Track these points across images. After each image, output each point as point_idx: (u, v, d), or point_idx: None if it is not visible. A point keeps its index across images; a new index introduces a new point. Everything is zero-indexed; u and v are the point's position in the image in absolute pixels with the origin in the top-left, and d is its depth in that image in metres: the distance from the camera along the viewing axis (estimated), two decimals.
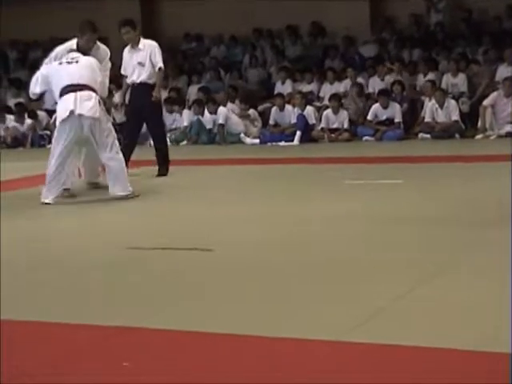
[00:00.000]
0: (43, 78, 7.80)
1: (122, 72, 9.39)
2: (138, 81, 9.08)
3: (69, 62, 7.64)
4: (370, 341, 3.28)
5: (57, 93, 7.60)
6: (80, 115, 7.38)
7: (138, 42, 9.16)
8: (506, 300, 3.61)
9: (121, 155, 7.64)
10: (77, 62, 7.63)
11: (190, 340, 3.47)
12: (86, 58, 7.77)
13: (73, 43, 8.08)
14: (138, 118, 9.19)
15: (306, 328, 3.52)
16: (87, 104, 7.40)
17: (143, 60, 9.15)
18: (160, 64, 9.13)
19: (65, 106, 7.43)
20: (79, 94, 7.42)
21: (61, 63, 7.68)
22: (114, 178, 7.54)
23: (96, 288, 4.48)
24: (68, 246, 5.70)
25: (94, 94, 7.49)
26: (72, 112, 7.37)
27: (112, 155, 7.53)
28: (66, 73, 7.56)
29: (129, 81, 9.29)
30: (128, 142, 9.24)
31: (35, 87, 7.92)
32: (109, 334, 3.61)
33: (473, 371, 2.91)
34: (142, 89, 9.07)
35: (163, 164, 9.44)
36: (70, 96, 7.43)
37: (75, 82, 7.49)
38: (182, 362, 3.20)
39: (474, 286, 4.04)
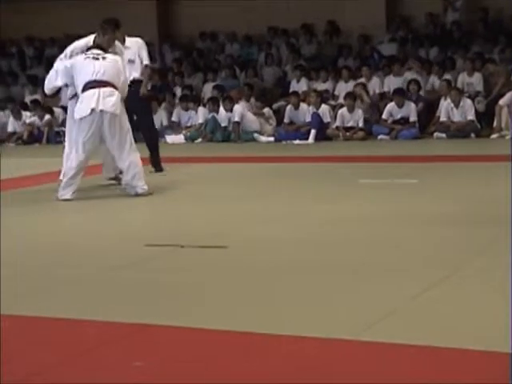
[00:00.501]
0: (66, 71, 7.81)
1: None
2: (131, 78, 8.86)
3: (95, 58, 7.67)
4: (383, 340, 3.29)
5: (80, 86, 7.61)
6: (101, 111, 7.44)
7: (124, 41, 8.97)
8: None
9: (138, 153, 7.68)
10: (103, 58, 7.68)
11: (206, 338, 3.49)
12: (113, 56, 7.83)
13: (90, 40, 8.09)
14: (132, 116, 8.90)
15: (321, 327, 3.53)
16: (109, 100, 7.46)
17: (133, 57, 9.10)
18: (146, 61, 9.11)
19: (87, 104, 7.46)
20: (102, 90, 7.47)
21: (86, 58, 7.69)
22: (134, 175, 7.56)
23: (113, 285, 4.50)
24: (84, 243, 5.73)
25: (116, 92, 7.55)
26: (93, 110, 7.43)
27: (131, 152, 7.57)
28: (91, 68, 7.59)
29: None
30: None
31: (55, 80, 7.95)
32: (124, 332, 3.63)
33: (486, 371, 2.92)
34: (136, 87, 8.98)
35: (157, 159, 9.47)
36: (93, 93, 7.47)
37: (99, 78, 7.53)
38: (197, 361, 3.22)
39: (489, 286, 4.04)
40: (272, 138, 13.66)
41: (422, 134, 13.03)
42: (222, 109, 14.01)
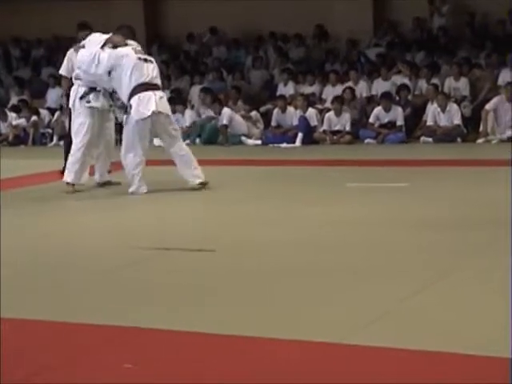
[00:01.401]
0: (115, 61, 7.89)
1: (66, 73, 9.01)
2: None
3: (146, 60, 8.03)
4: (374, 344, 3.29)
5: (130, 84, 7.80)
6: (159, 112, 7.87)
7: None
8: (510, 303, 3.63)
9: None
10: (150, 61, 8.08)
11: (198, 341, 3.49)
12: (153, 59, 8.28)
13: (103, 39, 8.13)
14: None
15: (310, 330, 3.53)
16: (164, 102, 8.01)
17: None
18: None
19: (146, 106, 7.80)
20: (156, 92, 7.88)
21: (138, 58, 7.97)
22: (185, 167, 8.04)
23: (103, 288, 4.49)
24: (70, 246, 5.71)
25: (164, 94, 8.14)
26: (153, 112, 7.80)
27: (182, 145, 8.17)
28: (145, 70, 7.91)
29: None
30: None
31: (97, 68, 7.93)
32: (113, 335, 3.63)
33: (477, 375, 2.93)
34: None
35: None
36: (149, 95, 7.82)
37: (153, 81, 7.93)
38: (189, 364, 3.22)
39: (480, 289, 4.06)
40: (259, 141, 13.67)
41: (409, 138, 13.06)
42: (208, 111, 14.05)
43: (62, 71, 9.10)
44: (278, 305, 3.97)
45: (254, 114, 14.16)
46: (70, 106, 8.29)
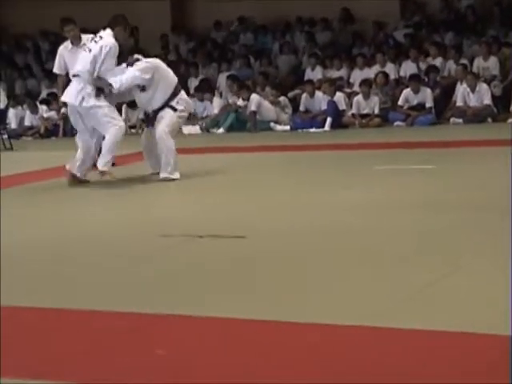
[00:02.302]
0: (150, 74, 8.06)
1: (59, 71, 8.97)
2: None
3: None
4: (399, 326, 3.31)
5: (171, 85, 8.11)
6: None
7: (80, 38, 8.68)
8: None
9: None
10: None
11: (224, 327, 3.52)
12: None
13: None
14: None
15: (339, 314, 3.55)
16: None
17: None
18: None
19: (190, 103, 8.62)
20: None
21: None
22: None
23: (132, 276, 4.54)
24: (103, 234, 5.78)
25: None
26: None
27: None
28: (171, 71, 8.35)
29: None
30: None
31: (139, 78, 8.03)
32: (145, 322, 3.67)
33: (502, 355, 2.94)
34: None
35: None
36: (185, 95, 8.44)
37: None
38: (218, 349, 3.25)
39: (507, 272, 4.04)
40: (288, 127, 13.67)
41: (439, 119, 12.98)
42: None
43: (56, 69, 9.02)
44: (307, 290, 3.99)
45: (282, 99, 14.15)
46: (77, 103, 8.02)
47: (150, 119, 8.29)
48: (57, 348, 3.37)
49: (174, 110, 8.06)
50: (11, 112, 15.66)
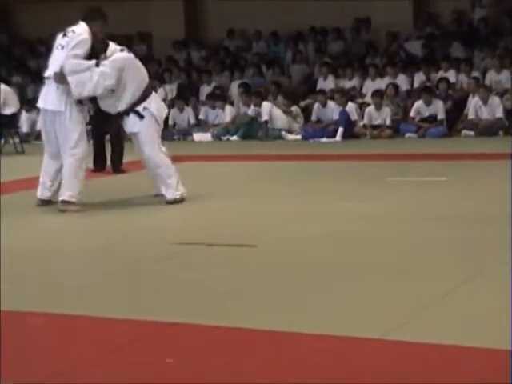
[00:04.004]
0: (118, 73, 7.03)
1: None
2: None
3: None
4: (413, 339, 3.30)
5: (137, 89, 7.09)
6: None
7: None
8: None
9: None
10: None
11: (236, 336, 3.53)
12: None
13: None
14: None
15: (351, 326, 3.55)
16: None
17: None
18: None
19: (163, 106, 7.51)
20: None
21: (135, 58, 7.32)
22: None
23: (143, 284, 4.55)
24: (112, 242, 5.79)
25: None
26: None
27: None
28: (144, 71, 7.32)
29: None
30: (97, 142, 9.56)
31: (109, 80, 6.98)
32: (153, 330, 3.68)
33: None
34: None
35: (118, 160, 9.53)
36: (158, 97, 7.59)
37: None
38: (227, 359, 3.26)
39: None
40: (299, 136, 13.67)
41: (450, 131, 12.97)
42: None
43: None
44: (318, 300, 3.99)
45: (294, 108, 14.16)
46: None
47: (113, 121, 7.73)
48: (63, 355, 3.38)
49: (141, 117, 7.07)
50: (24, 116, 15.70)
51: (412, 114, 13.17)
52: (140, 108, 7.08)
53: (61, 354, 3.38)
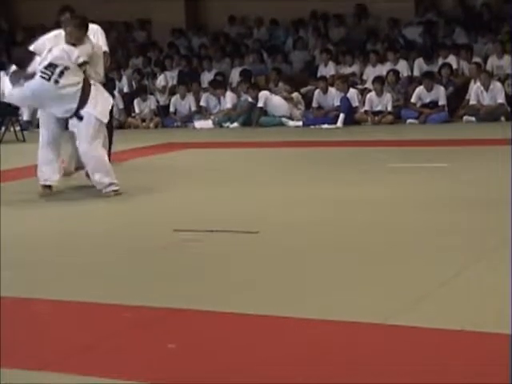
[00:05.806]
0: None
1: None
2: None
3: None
4: (416, 324, 3.30)
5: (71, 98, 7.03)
6: None
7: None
8: None
9: None
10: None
11: (237, 322, 3.53)
12: None
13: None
14: None
15: (353, 311, 3.55)
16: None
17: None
18: (105, 47, 8.20)
19: (105, 101, 7.28)
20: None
21: None
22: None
23: (145, 270, 4.55)
24: (114, 229, 5.79)
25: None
26: None
27: None
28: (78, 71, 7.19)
29: None
30: None
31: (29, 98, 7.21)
32: (155, 316, 3.68)
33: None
34: None
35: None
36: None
37: None
38: (229, 344, 3.26)
39: None
40: (300, 123, 13.66)
41: (452, 117, 12.94)
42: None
43: None
44: (321, 286, 3.99)
45: (295, 95, 14.14)
46: None
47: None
48: (67, 340, 3.38)
49: (80, 118, 7.05)
50: None
51: (413, 99, 13.15)
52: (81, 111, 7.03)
53: (61, 340, 3.38)
